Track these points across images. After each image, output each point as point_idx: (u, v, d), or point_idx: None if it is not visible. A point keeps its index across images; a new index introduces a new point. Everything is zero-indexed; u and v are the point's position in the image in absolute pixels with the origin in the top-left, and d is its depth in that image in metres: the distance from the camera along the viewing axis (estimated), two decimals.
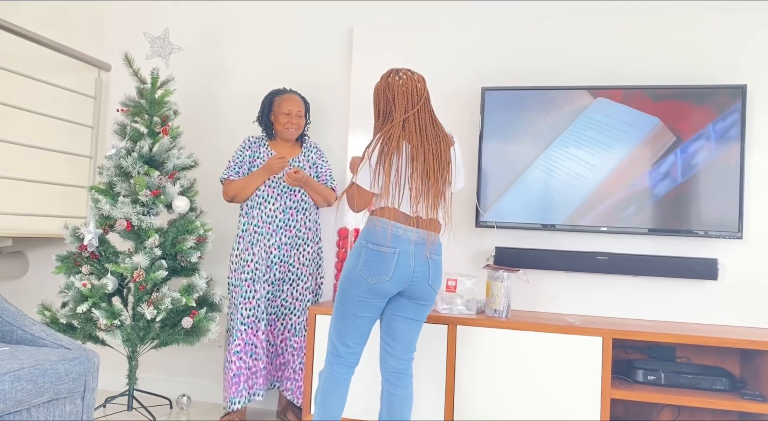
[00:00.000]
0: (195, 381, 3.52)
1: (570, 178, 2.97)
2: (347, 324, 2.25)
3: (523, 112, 3.04)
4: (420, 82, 2.28)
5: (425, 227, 2.23)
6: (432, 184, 2.21)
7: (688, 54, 2.98)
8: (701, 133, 2.85)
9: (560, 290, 3.06)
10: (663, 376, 2.66)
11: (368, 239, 2.21)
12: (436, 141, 2.24)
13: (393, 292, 2.22)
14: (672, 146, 2.87)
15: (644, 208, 2.89)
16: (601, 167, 2.94)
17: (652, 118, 2.89)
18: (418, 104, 2.25)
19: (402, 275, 2.19)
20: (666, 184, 2.87)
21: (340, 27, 3.44)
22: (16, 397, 2.01)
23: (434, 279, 2.27)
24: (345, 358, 2.27)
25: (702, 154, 2.84)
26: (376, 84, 2.32)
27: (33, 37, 3.25)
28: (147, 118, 3.06)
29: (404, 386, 2.33)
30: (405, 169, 2.18)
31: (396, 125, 2.20)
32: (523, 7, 3.20)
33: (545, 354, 2.64)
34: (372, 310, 2.24)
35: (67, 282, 2.90)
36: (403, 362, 2.34)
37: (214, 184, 3.54)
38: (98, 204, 2.98)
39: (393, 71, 2.30)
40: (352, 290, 2.21)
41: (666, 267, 2.87)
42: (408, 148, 2.19)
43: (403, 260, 2.18)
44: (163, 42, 3.26)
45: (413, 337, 2.34)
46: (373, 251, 2.18)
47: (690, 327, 2.75)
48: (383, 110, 2.28)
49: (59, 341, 2.38)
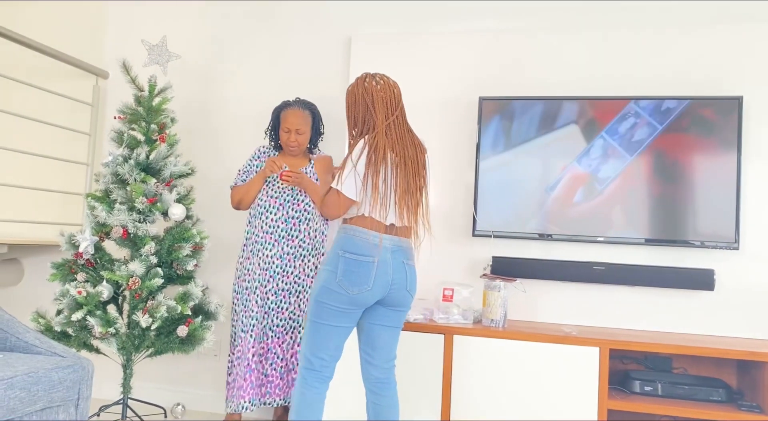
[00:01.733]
0: (190, 390, 3.50)
1: (567, 188, 2.97)
2: (323, 336, 2.19)
3: (520, 121, 3.05)
4: (396, 87, 2.26)
5: (400, 234, 2.22)
6: (413, 193, 2.21)
7: (684, 66, 2.99)
8: (697, 144, 2.85)
9: (557, 300, 3.06)
10: (660, 387, 2.66)
11: (345, 248, 2.16)
12: (413, 149, 2.23)
13: (373, 301, 2.18)
14: (668, 157, 2.88)
15: (641, 219, 2.89)
16: (598, 177, 2.95)
17: (648, 129, 2.90)
18: (396, 111, 2.23)
19: (382, 284, 2.16)
20: (662, 194, 2.88)
21: (337, 36, 3.45)
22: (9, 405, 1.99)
23: (411, 285, 2.25)
24: (319, 371, 2.21)
25: (698, 164, 2.85)
26: (350, 88, 2.27)
27: (31, 45, 3.25)
28: (144, 126, 3.06)
29: (389, 395, 2.30)
30: (390, 179, 2.17)
31: (380, 133, 2.17)
32: (521, 18, 3.22)
33: (542, 364, 2.63)
34: (349, 320, 2.20)
35: (62, 289, 2.88)
36: (385, 371, 2.30)
37: (211, 192, 3.53)
38: (94, 211, 2.97)
39: (369, 76, 2.26)
40: (330, 301, 2.15)
41: (662, 277, 2.87)
42: (392, 157, 2.18)
43: (382, 268, 2.15)
44: (161, 50, 3.27)
45: (393, 344, 2.31)
46: (351, 261, 2.14)
47: (687, 338, 2.75)
48: (362, 116, 2.24)
49: (53, 348, 2.36)
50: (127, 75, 3.10)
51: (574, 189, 2.97)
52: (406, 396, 2.73)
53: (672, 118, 2.89)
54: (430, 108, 3.25)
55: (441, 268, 3.18)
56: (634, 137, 2.92)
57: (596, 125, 2.96)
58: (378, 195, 2.14)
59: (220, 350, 3.45)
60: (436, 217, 3.20)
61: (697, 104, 2.86)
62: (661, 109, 2.90)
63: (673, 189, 2.87)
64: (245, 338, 2.93)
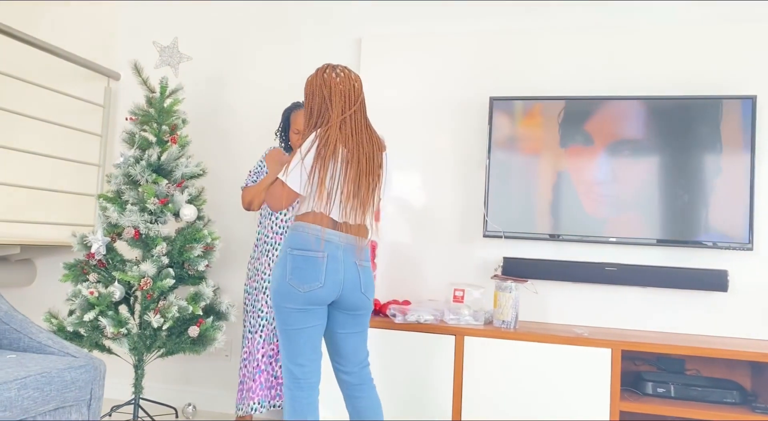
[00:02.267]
0: (201, 390, 3.51)
1: (579, 189, 2.96)
2: (296, 341, 2.09)
3: (531, 122, 3.03)
4: (357, 81, 2.19)
5: (353, 233, 2.14)
6: (364, 190, 2.12)
7: (697, 65, 2.97)
8: (710, 144, 2.83)
9: (568, 301, 3.04)
10: (673, 388, 2.64)
11: (292, 245, 2.08)
12: (369, 145, 2.16)
13: (329, 299, 2.09)
14: (680, 156, 2.86)
15: (653, 219, 2.88)
16: (610, 177, 2.93)
17: (661, 129, 2.88)
18: (354, 105, 2.15)
19: (334, 281, 2.07)
20: (675, 194, 2.86)
21: (348, 37, 3.45)
22: (23, 405, 2.00)
23: (366, 287, 2.16)
24: (303, 379, 2.11)
25: (711, 164, 2.83)
26: (310, 78, 2.20)
27: (44, 47, 3.27)
28: (155, 127, 3.07)
29: (366, 397, 2.21)
30: (339, 174, 2.09)
31: (333, 127, 2.10)
32: (531, 18, 3.21)
33: (554, 366, 2.62)
34: (314, 318, 2.09)
35: (75, 290, 2.90)
36: (357, 376, 2.22)
37: (222, 192, 3.55)
38: (106, 212, 2.98)
39: (329, 67, 2.18)
40: (286, 303, 2.07)
41: (675, 278, 2.85)
42: (343, 152, 2.10)
43: (332, 265, 2.07)
44: (172, 51, 3.27)
45: (360, 349, 2.23)
46: (298, 257, 2.06)
47: (700, 339, 2.73)
48: (318, 108, 2.16)
49: (66, 348, 2.38)
50: (138, 76, 3.11)
51: (586, 189, 2.95)
52: (416, 397, 2.73)
53: (685, 117, 2.87)
54: (440, 108, 3.25)
55: (451, 269, 3.17)
56: (646, 137, 2.90)
57: (608, 125, 2.95)
58: (324, 190, 2.06)
59: (231, 350, 3.46)
60: (446, 217, 3.19)
61: (710, 104, 2.84)
62: (674, 108, 2.88)
63: (685, 189, 2.85)
64: (254, 339, 2.93)
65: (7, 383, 1.97)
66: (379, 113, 3.32)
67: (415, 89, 3.29)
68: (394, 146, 3.28)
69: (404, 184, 3.26)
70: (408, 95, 3.29)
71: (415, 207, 3.24)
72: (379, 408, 2.23)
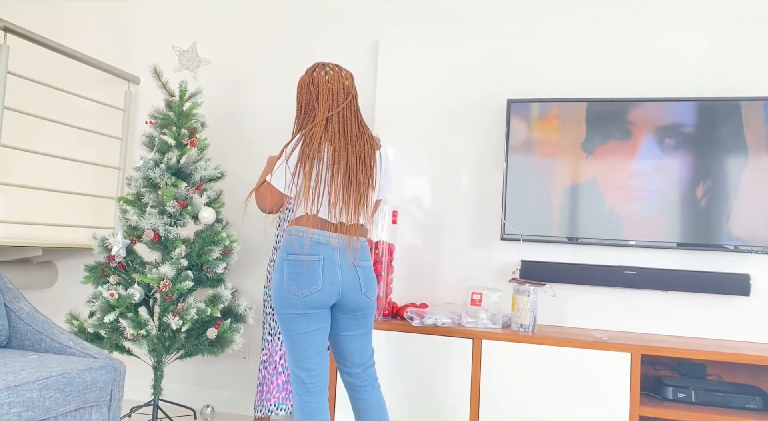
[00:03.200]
0: (219, 392, 3.53)
1: (597, 191, 2.94)
2: (300, 346, 2.06)
3: (549, 124, 3.02)
4: (348, 79, 2.14)
5: (349, 233, 2.08)
6: (354, 189, 2.06)
7: (716, 66, 2.93)
8: (732, 146, 2.80)
9: (587, 305, 3.02)
10: (693, 394, 2.60)
11: (288, 250, 2.05)
12: (360, 143, 2.10)
13: (328, 302, 2.05)
14: (701, 158, 2.82)
15: (673, 222, 2.85)
16: (629, 179, 2.90)
17: (682, 130, 2.85)
18: (344, 103, 2.10)
19: (332, 284, 2.03)
20: (696, 197, 2.82)
21: (365, 40, 3.46)
22: (45, 405, 2.03)
23: (367, 286, 2.12)
24: (311, 383, 2.08)
25: (733, 166, 2.79)
26: (300, 78, 2.17)
27: (67, 52, 3.31)
28: (175, 131, 3.10)
29: (369, 398, 2.19)
30: (325, 173, 2.04)
31: (318, 125, 2.05)
32: (550, 19, 3.19)
33: (572, 370, 2.60)
34: (317, 321, 2.06)
35: (95, 292, 2.93)
36: (360, 377, 2.20)
37: (241, 195, 3.57)
38: (126, 215, 3.01)
39: (319, 65, 2.15)
40: (286, 309, 2.04)
41: (696, 282, 2.81)
42: (330, 150, 2.05)
43: (328, 266, 2.03)
44: (191, 55, 3.30)
45: (364, 350, 2.20)
46: (294, 262, 2.03)
47: (721, 344, 2.69)
48: (305, 107, 2.13)
49: (86, 350, 2.40)
50: (158, 80, 3.15)
51: (605, 192, 2.93)
52: (434, 401, 2.72)
53: (706, 119, 2.83)
54: (457, 110, 3.24)
55: (469, 272, 3.16)
56: (667, 139, 2.87)
57: (628, 127, 2.92)
58: (309, 189, 2.02)
59: (249, 352, 3.48)
60: (464, 220, 3.18)
61: (732, 105, 2.81)
62: (696, 110, 2.85)
63: (706, 191, 2.82)
64: (273, 341, 2.95)
65: (30, 383, 2.00)
66: (396, 116, 3.32)
67: (432, 91, 3.29)
68: (410, 149, 3.28)
69: (421, 187, 3.25)
70: (425, 97, 3.29)
71: (432, 210, 3.23)
72: (384, 409, 2.21)
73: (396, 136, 3.30)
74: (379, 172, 2.19)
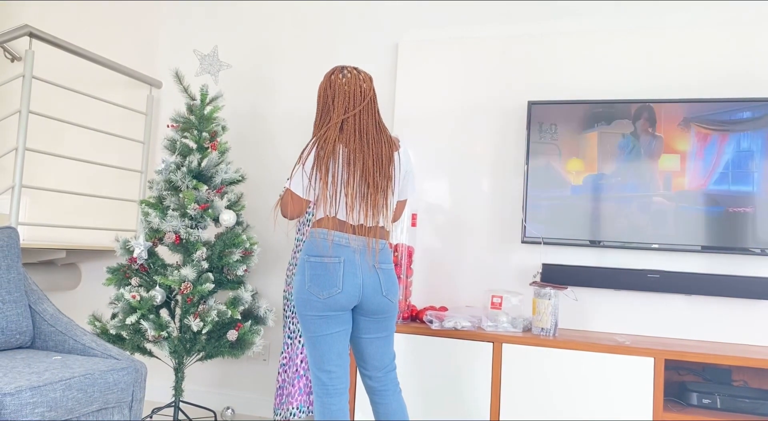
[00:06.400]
0: (239, 394, 3.54)
1: (619, 194, 2.90)
2: (320, 348, 2.07)
3: (570, 126, 2.99)
4: (366, 81, 2.13)
5: (369, 235, 2.08)
6: (371, 191, 2.05)
7: (741, 66, 2.89)
8: (757, 147, 2.75)
9: (609, 309, 2.98)
10: (719, 400, 2.56)
11: (309, 252, 2.06)
12: (378, 145, 2.08)
13: (349, 304, 2.05)
14: (726, 161, 2.78)
15: (697, 225, 2.80)
16: (652, 182, 2.87)
17: (704, 132, 2.81)
18: (360, 105, 2.09)
19: (352, 286, 2.03)
20: (720, 199, 2.78)
21: (385, 42, 3.46)
22: (67, 405, 2.05)
23: (388, 289, 2.10)
24: (331, 385, 2.08)
25: (758, 168, 2.74)
26: (320, 82, 2.18)
27: (90, 57, 3.36)
28: (196, 134, 3.12)
29: (389, 402, 2.17)
30: (341, 175, 2.03)
31: (332, 127, 2.05)
32: (568, 22, 3.17)
33: (594, 375, 2.57)
34: (338, 324, 2.06)
35: (117, 294, 2.96)
36: (381, 381, 2.18)
37: (261, 198, 3.58)
38: (148, 217, 3.04)
39: (338, 69, 2.14)
40: (307, 310, 2.04)
41: (721, 286, 2.77)
42: (345, 152, 2.05)
43: (349, 268, 2.03)
44: (212, 59, 3.33)
45: (384, 354, 2.18)
46: (316, 264, 2.03)
47: (747, 349, 2.64)
48: (322, 110, 2.13)
49: (109, 351, 2.43)
50: (179, 84, 3.17)
51: (626, 194, 2.89)
52: (454, 405, 2.71)
53: (730, 120, 2.79)
54: (477, 113, 3.23)
55: (489, 275, 3.14)
56: (689, 141, 2.83)
57: (649, 129, 2.89)
58: (327, 192, 2.02)
59: (269, 354, 3.49)
60: (484, 223, 3.17)
61: (754, 106, 2.76)
62: (718, 112, 2.80)
63: (730, 194, 2.77)
64: (293, 344, 2.95)
65: (53, 383, 2.02)
66: (415, 118, 3.31)
67: (452, 94, 3.28)
68: (430, 151, 3.27)
69: (440, 190, 3.24)
70: (444, 100, 3.28)
71: (452, 212, 3.22)
72: (405, 414, 2.20)
73: (415, 138, 3.29)
74: (399, 174, 2.17)
